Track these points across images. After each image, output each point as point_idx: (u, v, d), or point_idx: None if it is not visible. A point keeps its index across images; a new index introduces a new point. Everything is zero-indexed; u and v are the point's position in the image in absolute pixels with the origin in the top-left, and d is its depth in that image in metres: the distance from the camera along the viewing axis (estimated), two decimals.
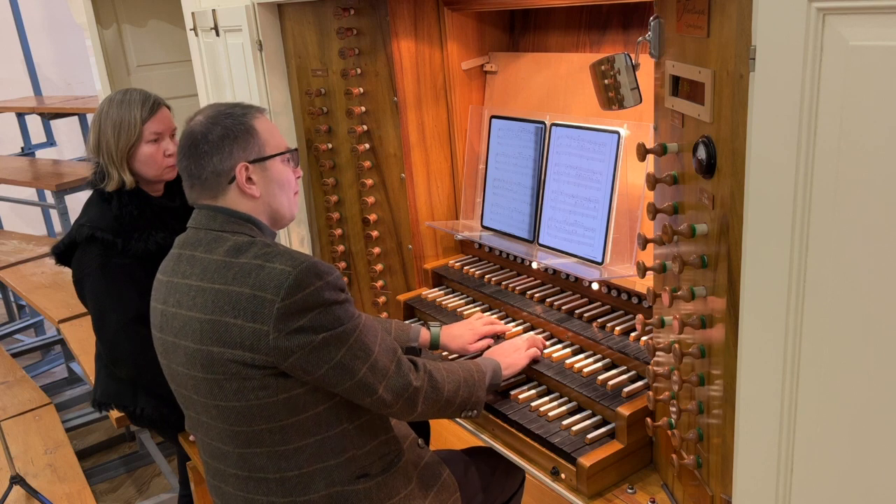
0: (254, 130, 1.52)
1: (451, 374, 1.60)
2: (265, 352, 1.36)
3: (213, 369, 1.41)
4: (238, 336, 1.37)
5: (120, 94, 2.14)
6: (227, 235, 1.47)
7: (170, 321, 1.50)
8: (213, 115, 1.52)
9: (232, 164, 1.49)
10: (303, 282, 1.36)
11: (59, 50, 6.17)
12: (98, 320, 2.13)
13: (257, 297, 1.36)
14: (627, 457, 1.64)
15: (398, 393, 1.48)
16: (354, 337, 1.41)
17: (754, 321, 1.12)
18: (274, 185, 1.54)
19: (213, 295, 1.40)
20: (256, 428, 1.44)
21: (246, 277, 1.38)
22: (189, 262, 1.49)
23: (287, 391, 1.41)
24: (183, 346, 1.46)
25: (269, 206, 1.55)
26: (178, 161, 1.53)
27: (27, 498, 2.41)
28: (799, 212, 1.01)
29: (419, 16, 2.26)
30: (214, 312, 1.39)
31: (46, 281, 3.89)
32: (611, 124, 1.92)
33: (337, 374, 1.40)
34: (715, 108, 1.20)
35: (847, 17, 0.91)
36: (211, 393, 1.44)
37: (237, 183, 1.50)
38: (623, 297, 1.94)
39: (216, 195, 1.51)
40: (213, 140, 1.48)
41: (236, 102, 1.58)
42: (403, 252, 2.45)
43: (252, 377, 1.39)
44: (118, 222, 2.10)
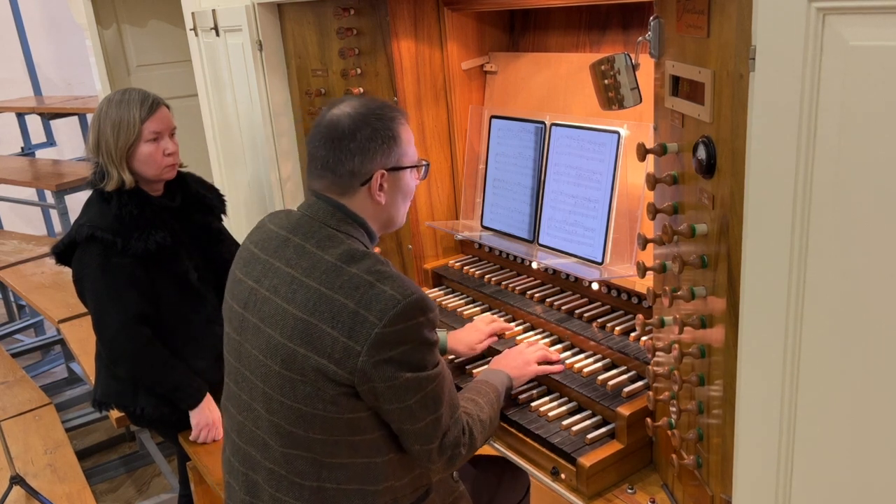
0: (399, 139, 1.50)
1: (483, 423, 1.58)
2: (350, 370, 1.34)
3: (293, 368, 1.39)
4: (329, 346, 1.35)
5: (119, 93, 2.14)
6: (342, 237, 1.45)
7: (259, 303, 1.46)
8: (363, 112, 1.48)
9: (371, 169, 1.47)
10: (408, 314, 1.34)
11: (59, 50, 6.17)
12: (98, 320, 2.13)
13: (360, 315, 1.33)
14: (627, 457, 1.64)
15: (444, 450, 1.46)
16: (433, 386, 1.40)
17: (754, 321, 1.12)
18: (399, 195, 1.54)
19: (316, 295, 1.38)
20: (312, 435, 1.41)
21: (354, 291, 1.35)
22: (297, 252, 1.45)
23: (354, 412, 1.39)
24: (267, 333, 1.43)
25: (389, 213, 1.55)
26: (314, 146, 1.50)
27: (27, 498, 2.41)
28: (799, 212, 1.01)
29: (419, 16, 2.26)
30: (314, 314, 1.37)
31: (46, 281, 3.89)
32: (611, 124, 1.92)
33: (403, 416, 1.39)
34: (715, 108, 1.20)
35: (847, 17, 0.91)
36: (280, 388, 1.41)
37: (369, 187, 1.48)
38: (623, 297, 1.94)
39: (344, 193, 1.49)
40: (360, 139, 1.46)
41: (383, 102, 1.55)
42: (403, 252, 2.45)
43: (327, 389, 1.37)
44: (118, 222, 2.10)
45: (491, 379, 1.72)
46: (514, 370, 1.78)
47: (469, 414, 1.55)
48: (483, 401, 1.62)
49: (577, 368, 1.82)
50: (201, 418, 2.18)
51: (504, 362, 1.81)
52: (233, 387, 1.55)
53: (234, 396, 1.55)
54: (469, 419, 1.54)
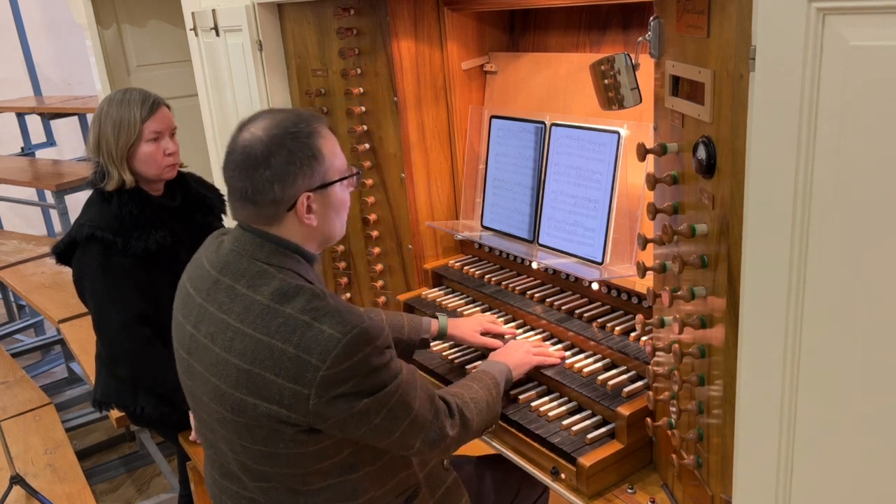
0: (320, 155, 1.38)
1: (477, 403, 1.57)
2: (303, 413, 1.30)
3: (244, 415, 1.34)
4: (277, 393, 1.30)
5: (120, 93, 2.14)
6: (273, 272, 1.36)
7: (200, 351, 1.40)
8: (276, 133, 1.36)
9: (294, 193, 1.36)
10: (351, 350, 1.28)
11: (59, 50, 6.17)
12: (98, 320, 2.13)
13: (301, 360, 1.28)
14: (627, 457, 1.64)
15: (434, 443, 1.45)
16: (396, 398, 1.36)
17: (754, 321, 1.12)
18: (331, 211, 1.44)
19: (253, 344, 1.31)
20: (280, 470, 1.39)
21: (291, 334, 1.29)
22: (228, 295, 1.37)
23: (317, 444, 1.36)
24: (213, 383, 1.37)
25: (323, 232, 1.45)
26: (228, 176, 1.39)
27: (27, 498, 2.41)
28: (799, 212, 1.01)
29: (419, 16, 2.26)
30: (254, 364, 1.31)
31: (46, 281, 3.89)
32: (611, 124, 1.92)
33: (376, 435, 1.36)
34: (715, 108, 1.20)
35: (847, 17, 0.91)
36: (238, 433, 1.37)
37: (296, 212, 1.38)
38: (623, 297, 1.94)
39: (271, 222, 1.39)
40: (276, 165, 1.34)
41: (297, 113, 1.42)
42: (403, 252, 2.45)
43: (285, 431, 1.33)
44: (118, 221, 2.10)
45: (488, 368, 1.73)
46: (512, 361, 1.79)
47: (457, 395, 1.55)
48: (477, 385, 1.62)
49: (577, 368, 1.82)
50: None
51: (503, 354, 1.83)
52: (198, 423, 1.53)
53: (201, 431, 1.53)
54: (458, 400, 1.53)
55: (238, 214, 1.42)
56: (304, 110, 1.46)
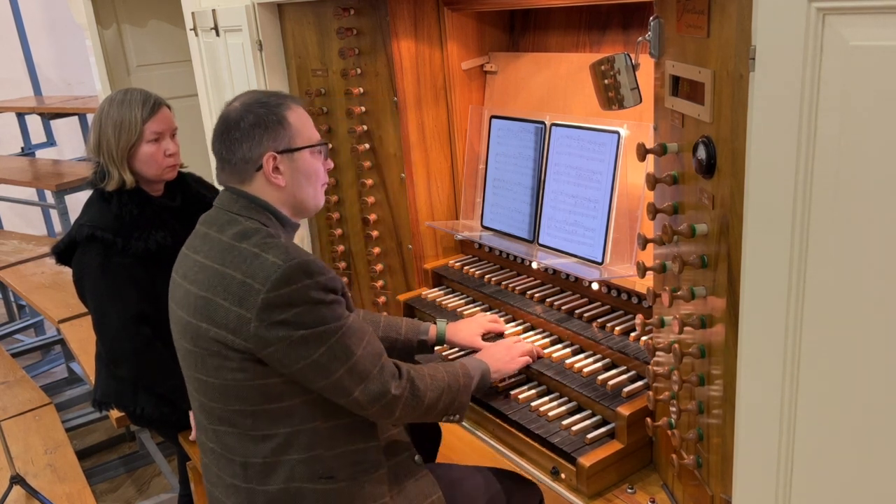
0: (286, 121, 1.55)
1: (435, 380, 1.60)
2: (245, 337, 1.41)
3: (198, 343, 1.47)
4: (224, 317, 1.42)
5: (121, 93, 2.14)
6: (241, 219, 1.52)
7: (175, 290, 1.57)
8: (248, 101, 1.56)
9: (260, 153, 1.53)
10: (290, 277, 1.39)
11: (59, 50, 6.17)
12: (98, 320, 2.13)
13: (246, 284, 1.41)
14: (627, 457, 1.64)
15: (374, 398, 1.48)
16: (336, 338, 1.43)
17: (754, 321, 1.12)
18: (301, 176, 1.57)
19: (210, 273, 1.47)
20: (230, 408, 1.49)
21: (241, 263, 1.43)
22: (202, 239, 1.55)
23: (263, 378, 1.45)
24: (179, 315, 1.53)
25: (294, 196, 1.58)
26: (211, 143, 1.58)
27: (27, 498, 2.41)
28: (799, 212, 1.01)
29: (419, 16, 2.26)
30: (208, 290, 1.45)
31: (46, 281, 3.89)
32: (611, 124, 1.92)
33: (312, 372, 1.43)
34: (715, 108, 1.20)
35: (847, 17, 0.91)
36: (194, 365, 1.51)
37: (263, 171, 1.53)
38: (623, 297, 1.94)
39: (243, 180, 1.55)
40: (244, 127, 1.52)
41: (274, 91, 1.61)
42: (403, 252, 2.45)
43: (231, 358, 1.44)
44: (118, 222, 2.10)
45: (465, 361, 1.75)
46: (494, 363, 1.80)
47: (414, 367, 1.59)
48: (443, 368, 1.65)
49: (577, 368, 1.82)
50: None
51: (488, 353, 1.83)
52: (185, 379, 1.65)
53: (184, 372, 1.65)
54: (412, 369, 1.57)
55: (220, 177, 1.59)
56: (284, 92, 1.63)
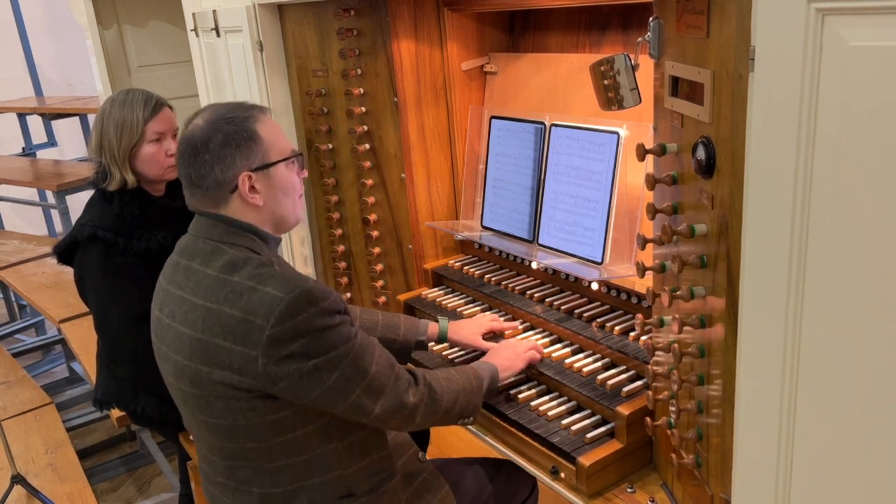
0: (256, 136, 1.44)
1: (451, 383, 1.58)
2: (253, 376, 1.34)
3: (201, 387, 1.40)
4: (227, 359, 1.34)
5: (122, 94, 2.14)
6: (225, 248, 1.43)
7: (164, 331, 1.48)
8: (213, 119, 1.44)
9: (234, 174, 1.43)
10: (294, 309, 1.32)
11: (59, 50, 6.17)
12: (99, 319, 2.13)
13: (248, 322, 1.32)
14: (627, 456, 1.64)
15: (394, 410, 1.45)
16: (348, 360, 1.38)
17: (754, 321, 1.12)
18: (278, 192, 1.48)
19: (203, 313, 1.37)
20: (243, 445, 1.42)
21: (237, 299, 1.34)
22: (185, 273, 1.45)
23: (275, 412, 1.39)
24: (174, 358, 1.44)
25: (273, 213, 1.49)
26: (177, 166, 1.48)
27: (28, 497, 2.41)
28: (799, 212, 1.01)
29: (419, 16, 2.26)
30: (205, 332, 1.37)
31: (47, 281, 3.90)
32: (610, 124, 1.92)
33: (329, 397, 1.38)
34: (714, 109, 1.20)
35: (847, 18, 0.91)
36: (199, 407, 1.43)
37: (239, 192, 1.44)
38: (623, 297, 1.94)
39: (218, 204, 1.46)
40: (213, 148, 1.41)
41: (237, 103, 1.51)
42: (403, 252, 2.45)
43: (239, 398, 1.37)
44: (120, 222, 2.10)
45: (474, 364, 1.75)
46: (501, 362, 1.80)
47: (428, 372, 1.56)
48: (456, 373, 1.64)
49: (576, 368, 1.82)
50: None
51: (492, 355, 1.84)
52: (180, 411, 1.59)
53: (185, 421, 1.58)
54: (428, 375, 1.54)
55: (191, 202, 1.50)
56: (248, 102, 1.54)
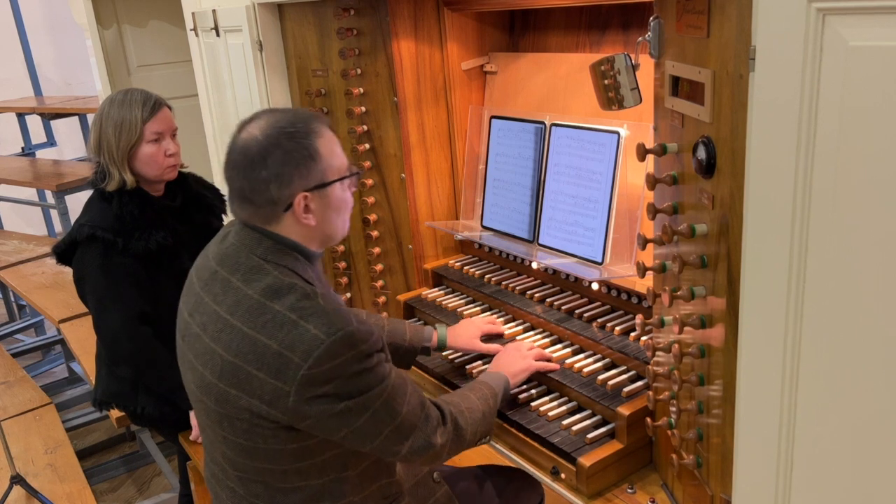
0: (317, 155, 1.37)
1: (472, 413, 1.56)
2: (283, 410, 1.30)
3: (226, 407, 1.36)
4: (258, 388, 1.30)
5: (121, 94, 2.14)
6: (269, 268, 1.36)
7: (192, 340, 1.43)
8: (272, 133, 1.36)
9: (291, 193, 1.36)
10: (334, 353, 1.28)
11: (59, 50, 6.17)
12: (99, 319, 2.13)
13: (284, 357, 1.28)
14: (627, 456, 1.64)
15: (421, 451, 1.42)
16: (380, 402, 1.34)
17: (754, 321, 1.12)
18: (331, 211, 1.42)
19: (239, 337, 1.32)
20: (258, 465, 1.40)
21: (277, 331, 1.30)
22: (223, 287, 1.39)
23: (297, 442, 1.36)
24: (199, 371, 1.39)
25: (323, 231, 1.43)
26: (228, 175, 1.40)
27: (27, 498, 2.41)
28: (799, 212, 1.01)
29: (419, 16, 2.26)
30: (238, 356, 1.32)
31: (47, 281, 3.90)
32: (611, 124, 1.92)
33: (357, 438, 1.35)
34: (715, 109, 1.20)
35: (847, 17, 0.91)
36: (220, 424, 1.39)
37: (293, 212, 1.37)
38: (623, 297, 1.94)
39: (269, 221, 1.39)
40: (271, 165, 1.34)
41: (295, 112, 1.42)
42: (403, 252, 2.45)
43: (264, 426, 1.34)
44: (119, 222, 2.10)
45: (487, 379, 1.72)
46: (511, 370, 1.78)
47: (452, 404, 1.53)
48: (474, 396, 1.61)
49: (577, 368, 1.82)
50: None
51: (502, 362, 1.82)
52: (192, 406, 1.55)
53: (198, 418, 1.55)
54: (453, 408, 1.51)
55: (238, 213, 1.43)
56: (305, 110, 1.46)
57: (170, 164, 2.16)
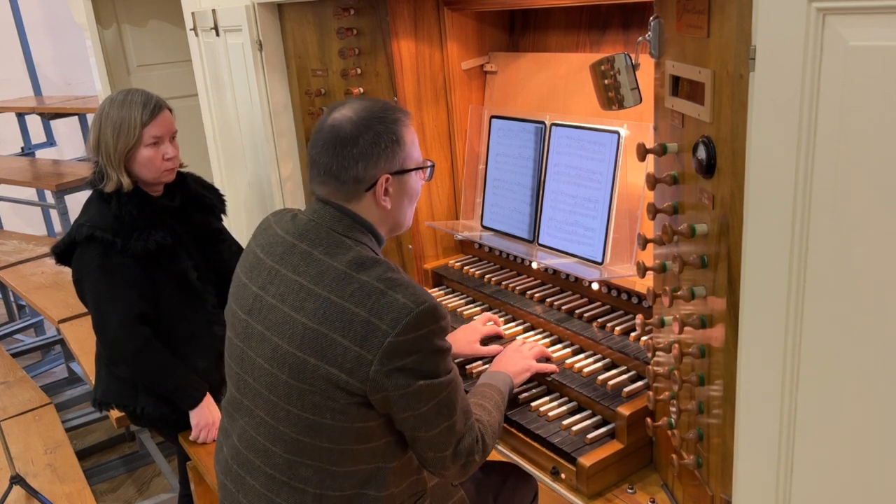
0: (402, 141, 1.47)
1: (492, 425, 1.57)
2: (361, 379, 1.33)
3: (303, 378, 1.37)
4: (341, 355, 1.33)
5: (122, 94, 2.12)
6: (350, 243, 1.43)
7: (265, 311, 1.44)
8: (365, 116, 1.45)
9: (375, 174, 1.44)
10: (421, 322, 1.32)
11: (59, 50, 6.17)
12: (98, 320, 2.13)
13: (372, 324, 1.31)
14: (627, 457, 1.64)
15: (459, 457, 1.45)
16: (447, 392, 1.38)
17: (754, 321, 1.12)
18: (405, 198, 1.52)
19: (325, 304, 1.36)
20: (319, 444, 1.40)
21: (365, 299, 1.33)
22: (304, 259, 1.43)
23: (364, 421, 1.38)
24: (274, 342, 1.41)
25: (395, 217, 1.52)
26: (316, 152, 1.47)
27: (27, 498, 2.41)
28: (799, 212, 1.01)
29: (419, 16, 2.26)
30: (323, 324, 1.35)
31: (46, 281, 3.89)
32: (611, 124, 1.92)
33: (416, 423, 1.38)
34: (715, 108, 1.20)
35: (847, 17, 0.91)
36: (288, 397, 1.40)
37: (374, 192, 1.45)
38: (623, 297, 1.94)
39: (350, 199, 1.46)
40: (363, 145, 1.42)
41: (385, 103, 1.51)
42: (403, 252, 2.45)
43: (338, 399, 1.35)
44: (118, 222, 2.09)
45: (494, 382, 1.72)
46: (513, 370, 1.78)
47: (480, 421, 1.54)
48: (491, 405, 1.62)
49: (577, 368, 1.82)
50: (201, 418, 2.18)
51: (503, 363, 1.82)
52: (234, 392, 1.54)
53: (234, 401, 1.54)
54: (481, 426, 1.53)
55: (320, 190, 1.49)
56: (394, 104, 1.55)
57: (167, 168, 2.16)
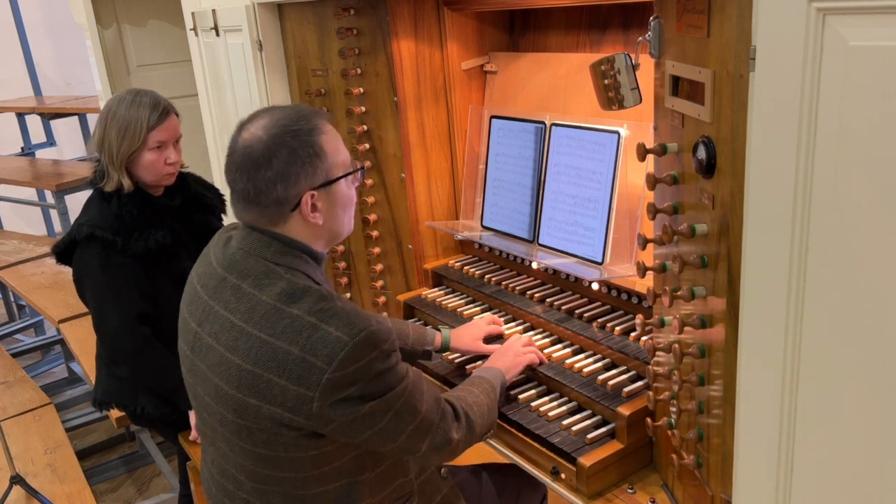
0: (322, 152, 1.35)
1: (479, 407, 1.56)
2: (306, 416, 1.28)
3: (247, 417, 1.32)
4: (280, 396, 1.27)
5: (131, 94, 2.10)
6: (280, 272, 1.34)
7: (204, 350, 1.39)
8: (275, 133, 1.33)
9: (298, 192, 1.34)
10: (358, 353, 1.26)
11: (59, 50, 6.17)
12: (98, 319, 2.13)
13: (307, 362, 1.25)
14: (627, 457, 1.64)
15: (440, 448, 1.43)
16: (402, 401, 1.33)
17: (754, 321, 1.12)
18: (338, 208, 1.42)
19: (257, 344, 1.29)
20: (280, 474, 1.37)
21: (297, 336, 1.27)
22: (234, 293, 1.35)
23: (318, 448, 1.34)
24: (215, 382, 1.35)
25: (330, 230, 1.43)
26: (230, 178, 1.37)
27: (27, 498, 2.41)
28: (799, 212, 1.01)
29: (419, 16, 2.26)
30: (257, 365, 1.28)
31: (46, 281, 3.90)
32: (611, 124, 1.92)
33: (380, 439, 1.34)
34: (715, 108, 1.20)
35: (847, 17, 0.91)
36: (238, 434, 1.35)
37: (300, 211, 1.36)
38: (623, 297, 1.94)
39: (275, 222, 1.37)
40: (277, 165, 1.31)
41: (297, 110, 1.40)
42: (403, 252, 2.45)
43: (286, 434, 1.31)
44: (118, 221, 2.09)
45: (484, 374, 1.73)
46: (505, 364, 1.79)
47: (461, 399, 1.53)
48: (477, 389, 1.62)
49: (577, 368, 1.82)
50: None
51: (495, 359, 1.83)
52: (199, 420, 1.51)
53: (201, 430, 1.51)
54: (462, 404, 1.52)
55: (242, 216, 1.40)
56: (305, 106, 1.43)
57: (168, 172, 2.15)
